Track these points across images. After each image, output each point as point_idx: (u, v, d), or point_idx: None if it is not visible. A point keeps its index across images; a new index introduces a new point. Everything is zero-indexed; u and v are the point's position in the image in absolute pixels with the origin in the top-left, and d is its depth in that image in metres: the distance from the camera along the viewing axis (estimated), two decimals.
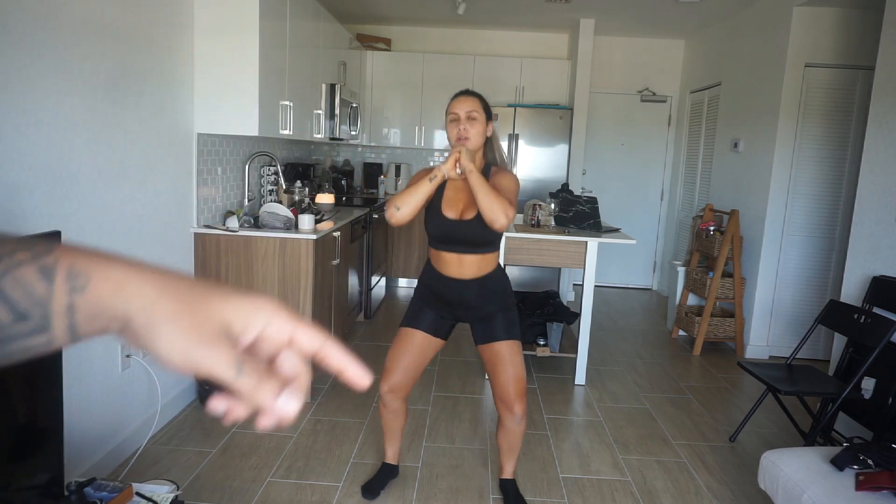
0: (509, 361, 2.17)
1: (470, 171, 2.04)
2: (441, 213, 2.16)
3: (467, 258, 2.17)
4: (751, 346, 4.37)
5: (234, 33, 2.95)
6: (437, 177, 2.08)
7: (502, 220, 2.01)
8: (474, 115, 2.16)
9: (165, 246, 2.83)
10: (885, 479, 1.78)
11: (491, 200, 2.00)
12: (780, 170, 4.17)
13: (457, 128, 2.15)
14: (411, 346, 2.25)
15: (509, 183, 2.16)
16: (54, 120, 2.04)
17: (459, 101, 2.19)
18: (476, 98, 2.21)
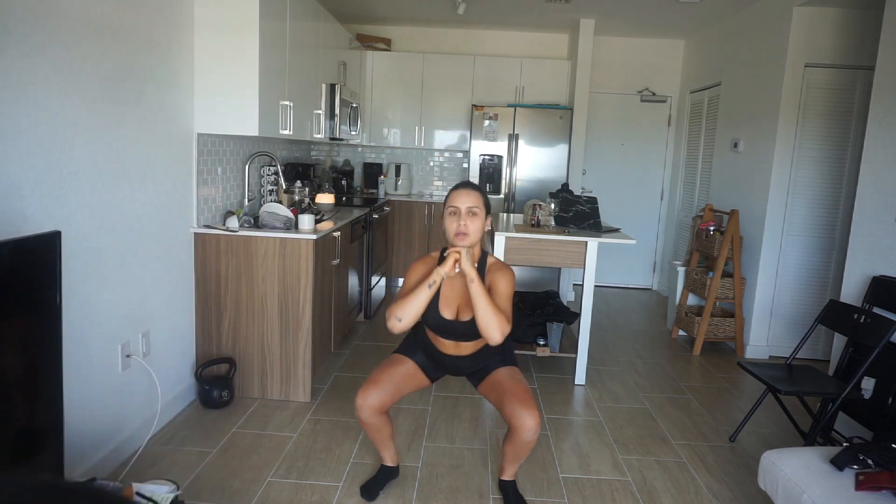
0: (509, 385, 2.15)
1: (471, 280, 2.02)
2: (438, 313, 2.17)
3: (464, 344, 2.23)
4: (751, 346, 4.37)
5: (234, 33, 2.95)
6: (436, 282, 2.08)
7: (497, 339, 2.02)
8: (475, 211, 2.12)
9: (165, 246, 2.83)
10: (885, 479, 1.78)
11: (489, 318, 2.00)
12: (780, 170, 4.17)
13: (456, 222, 2.11)
14: (400, 370, 2.26)
15: (506, 287, 2.13)
16: (54, 120, 2.04)
17: (460, 194, 2.14)
18: (478, 192, 2.16)
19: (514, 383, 2.17)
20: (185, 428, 2.85)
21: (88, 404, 2.31)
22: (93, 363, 2.32)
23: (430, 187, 6.34)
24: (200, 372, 3.02)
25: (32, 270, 1.54)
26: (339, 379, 3.56)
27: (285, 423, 2.95)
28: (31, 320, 1.55)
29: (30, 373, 1.56)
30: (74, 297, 2.19)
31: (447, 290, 2.18)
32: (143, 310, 2.66)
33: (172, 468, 2.49)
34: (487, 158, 5.56)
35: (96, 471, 2.33)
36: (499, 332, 2.00)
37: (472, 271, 2.03)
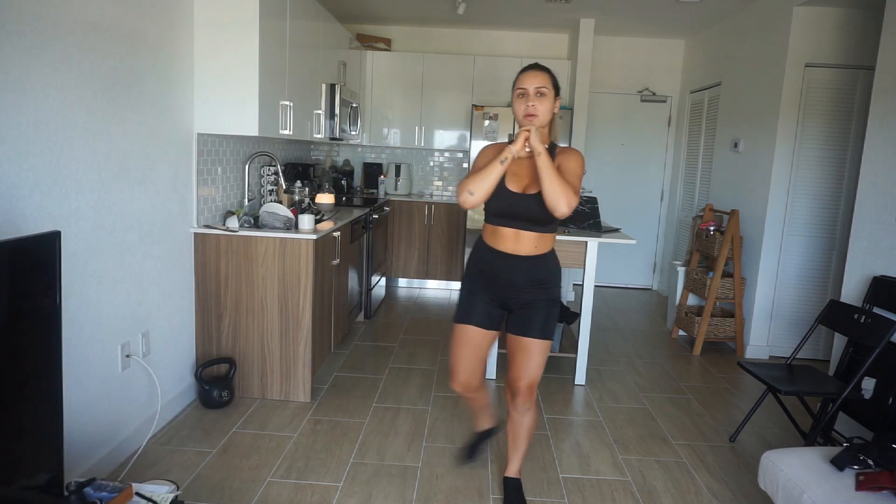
0: (531, 358, 2.20)
1: (538, 154, 2.00)
2: (505, 187, 2.14)
3: (525, 234, 2.16)
4: (751, 346, 4.37)
5: (234, 33, 2.95)
6: (507, 159, 2.06)
7: (563, 210, 2.00)
8: (543, 91, 2.10)
9: (165, 246, 2.83)
10: (885, 479, 1.78)
11: (555, 188, 1.98)
12: (781, 170, 4.17)
13: (524, 103, 2.10)
14: (468, 343, 2.31)
15: (576, 165, 2.13)
16: (54, 120, 2.03)
17: (528, 75, 2.12)
18: (546, 73, 2.13)
19: (531, 361, 2.21)
20: (184, 428, 2.85)
21: (88, 404, 2.31)
22: (93, 363, 2.32)
23: (430, 187, 6.34)
24: (200, 372, 3.02)
25: (32, 270, 1.54)
26: (339, 379, 3.56)
27: (285, 423, 2.95)
28: (31, 320, 1.55)
29: (30, 373, 1.56)
30: (74, 297, 2.19)
31: (515, 166, 2.16)
32: (143, 310, 2.66)
33: (172, 468, 2.49)
34: None
35: (96, 471, 2.33)
36: (565, 202, 1.99)
37: (540, 146, 2.02)
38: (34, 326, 1.56)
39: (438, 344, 4.30)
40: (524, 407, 2.24)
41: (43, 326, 1.59)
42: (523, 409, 2.25)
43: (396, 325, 4.69)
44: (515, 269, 2.19)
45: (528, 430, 2.32)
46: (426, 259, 5.87)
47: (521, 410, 2.26)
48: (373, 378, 3.60)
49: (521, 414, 2.27)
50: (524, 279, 2.19)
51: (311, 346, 3.14)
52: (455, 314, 2.35)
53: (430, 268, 5.89)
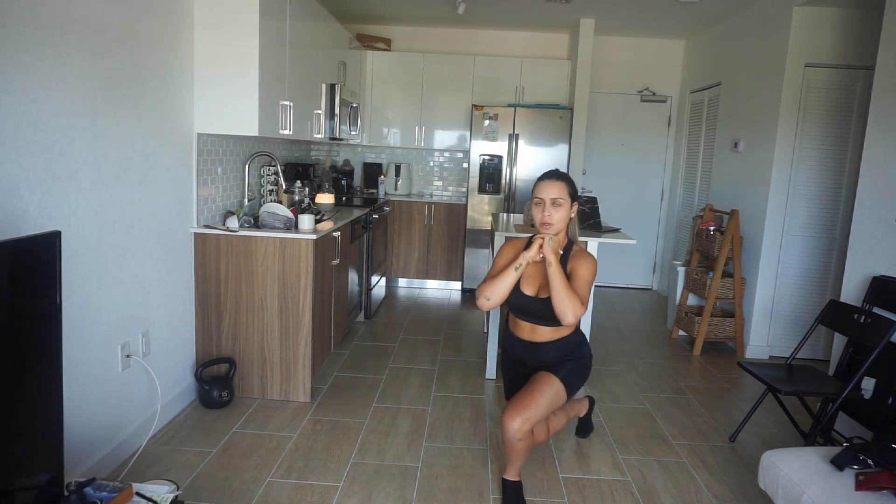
0: (540, 389, 2.25)
1: (549, 264, 2.17)
2: (520, 290, 2.31)
3: (540, 328, 2.34)
4: (751, 346, 4.37)
5: (235, 33, 2.95)
6: (521, 266, 2.23)
7: (570, 320, 2.16)
8: (559, 202, 2.25)
9: (165, 246, 2.83)
10: (885, 479, 1.78)
11: (563, 300, 2.13)
12: (780, 170, 4.17)
13: (541, 212, 2.25)
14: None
15: (587, 273, 2.26)
16: (54, 120, 2.03)
17: (546, 185, 2.26)
18: (563, 182, 2.28)
19: (536, 390, 2.24)
20: (185, 428, 2.85)
21: (88, 404, 2.31)
22: (93, 363, 2.32)
23: (430, 187, 6.34)
24: (200, 372, 3.02)
25: (32, 270, 1.54)
26: (339, 379, 3.56)
27: (285, 423, 2.95)
28: (31, 320, 1.55)
29: (30, 373, 1.56)
30: (74, 297, 2.19)
31: (531, 269, 2.33)
32: (143, 310, 2.66)
33: (172, 468, 2.49)
34: (487, 158, 5.56)
35: (96, 471, 2.33)
36: (571, 314, 2.13)
37: (552, 256, 2.18)
38: (34, 326, 1.56)
39: (438, 344, 4.30)
40: (515, 437, 2.18)
41: (43, 326, 1.59)
42: (513, 439, 2.19)
43: (396, 325, 4.69)
44: (538, 353, 2.37)
45: (522, 453, 2.28)
46: (426, 259, 5.87)
47: (511, 436, 2.18)
48: (373, 378, 3.60)
49: (510, 435, 2.19)
50: (550, 357, 2.36)
51: (311, 346, 3.14)
52: (505, 392, 2.61)
53: (430, 268, 5.89)
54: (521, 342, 2.40)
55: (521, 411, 2.18)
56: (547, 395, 2.23)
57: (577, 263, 2.28)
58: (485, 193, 5.62)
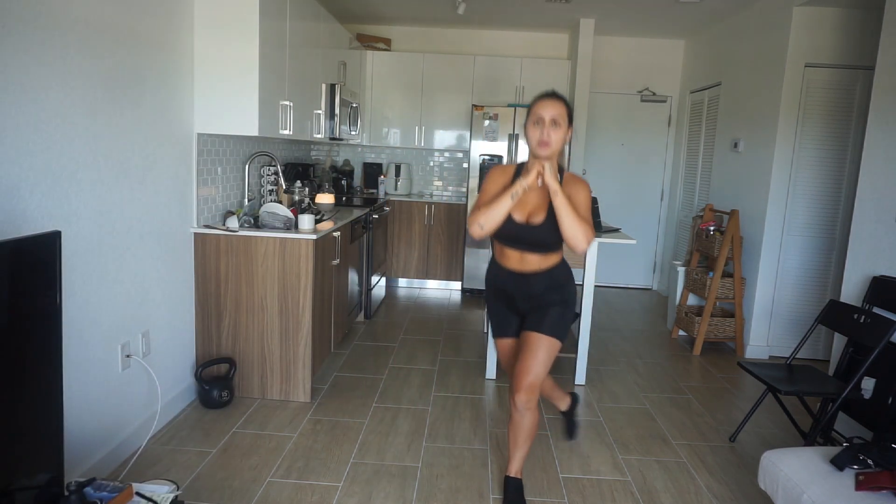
0: (536, 354, 2.22)
1: (555, 194, 2.07)
2: (511, 218, 2.20)
3: (529, 256, 2.25)
4: (751, 346, 4.37)
5: (235, 33, 2.95)
6: (517, 193, 2.11)
7: (584, 247, 2.09)
8: (558, 121, 2.12)
9: (165, 246, 2.83)
10: (885, 479, 1.78)
11: (575, 227, 2.07)
12: (780, 170, 4.17)
13: (538, 131, 2.11)
14: (512, 353, 2.41)
15: (585, 198, 2.20)
16: (54, 120, 2.03)
17: (545, 103, 2.13)
18: (562, 103, 2.16)
19: (533, 357, 2.22)
20: (185, 428, 2.85)
21: (88, 404, 2.31)
22: (93, 363, 2.32)
23: (430, 187, 6.34)
24: (200, 372, 3.02)
25: (32, 270, 1.54)
26: (339, 379, 3.56)
27: (285, 423, 2.95)
28: (31, 320, 1.55)
29: (30, 373, 1.56)
30: (74, 297, 2.19)
31: (521, 196, 2.22)
32: (143, 310, 2.66)
33: (172, 468, 2.49)
34: (487, 158, 5.56)
35: (96, 471, 2.33)
36: (585, 240, 2.08)
37: (556, 184, 2.07)
38: (34, 326, 1.56)
39: (438, 344, 4.30)
40: (525, 406, 2.22)
41: (43, 326, 1.59)
42: (523, 409, 2.23)
43: (396, 325, 4.69)
44: (525, 284, 2.28)
45: (529, 432, 2.30)
46: (426, 259, 5.87)
47: (521, 410, 2.23)
48: (373, 378, 3.60)
49: (520, 414, 2.24)
50: (538, 289, 2.28)
51: (311, 346, 3.14)
52: (493, 329, 2.46)
53: (430, 268, 5.89)
54: (508, 273, 2.29)
55: (523, 384, 2.20)
56: (539, 358, 2.21)
57: (574, 190, 2.18)
58: None
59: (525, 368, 2.21)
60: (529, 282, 2.27)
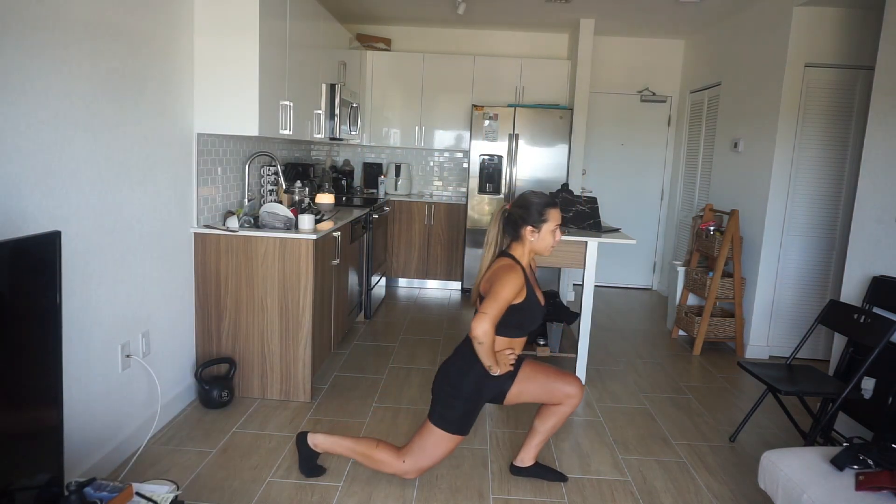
0: (542, 365, 2.46)
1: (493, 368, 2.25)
2: (538, 303, 2.33)
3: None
4: (751, 346, 4.37)
5: (234, 33, 2.95)
6: (492, 370, 2.24)
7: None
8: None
9: (165, 246, 2.83)
10: (885, 479, 1.78)
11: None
12: (780, 170, 4.17)
13: (556, 237, 2.29)
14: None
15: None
16: (54, 120, 2.04)
17: (558, 212, 2.30)
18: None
19: (545, 366, 2.44)
20: (185, 428, 2.85)
21: (88, 404, 2.31)
22: (93, 363, 2.32)
23: (430, 187, 6.35)
24: (200, 372, 3.02)
25: (32, 270, 1.54)
26: (339, 379, 3.56)
27: (285, 423, 2.95)
28: (31, 320, 1.55)
29: (30, 373, 1.56)
30: (74, 297, 2.19)
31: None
32: (143, 310, 2.66)
33: (172, 468, 2.49)
34: (487, 158, 5.56)
35: (96, 471, 2.33)
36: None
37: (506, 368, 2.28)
38: (34, 326, 1.56)
39: (438, 344, 4.30)
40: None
41: (43, 326, 1.59)
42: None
43: (396, 325, 4.69)
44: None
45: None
46: (426, 259, 5.87)
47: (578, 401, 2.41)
48: (373, 378, 3.60)
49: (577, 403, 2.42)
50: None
51: (311, 346, 3.14)
52: (460, 428, 2.32)
53: (430, 268, 5.89)
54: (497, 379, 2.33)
55: (578, 380, 2.42)
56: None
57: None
58: (485, 193, 5.62)
59: (560, 373, 2.42)
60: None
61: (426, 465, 2.31)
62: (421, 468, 2.32)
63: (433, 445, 2.29)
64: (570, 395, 2.38)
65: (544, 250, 2.27)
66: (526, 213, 2.26)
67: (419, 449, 2.30)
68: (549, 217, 2.26)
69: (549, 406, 2.44)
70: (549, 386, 2.36)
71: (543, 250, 2.27)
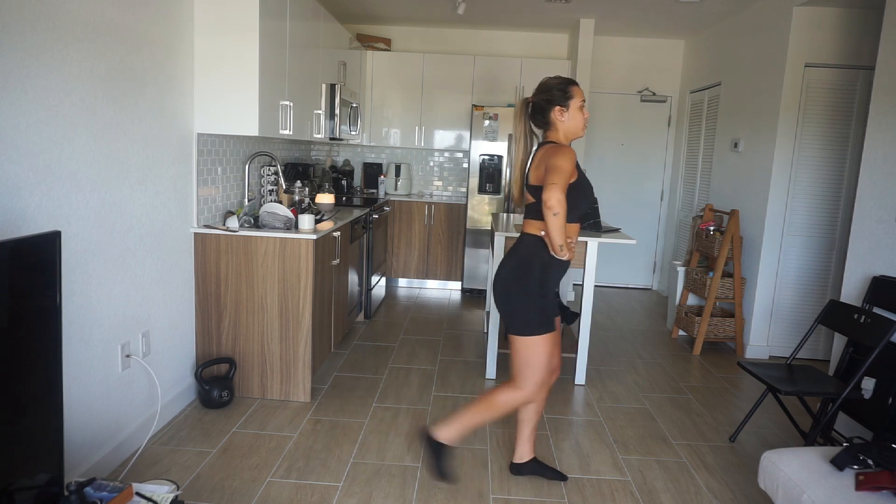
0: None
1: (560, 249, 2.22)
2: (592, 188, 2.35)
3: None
4: (751, 346, 4.37)
5: (234, 33, 2.95)
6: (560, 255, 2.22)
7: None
8: None
9: (165, 246, 2.83)
10: (885, 479, 1.78)
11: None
12: (780, 170, 4.17)
13: (584, 114, 2.28)
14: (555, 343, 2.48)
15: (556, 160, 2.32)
16: (54, 120, 2.04)
17: (580, 88, 2.29)
18: None
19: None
20: (184, 428, 2.85)
21: (88, 404, 2.31)
22: (93, 363, 2.32)
23: (430, 187, 6.34)
24: (200, 372, 3.02)
25: (32, 270, 1.54)
26: (339, 379, 3.56)
27: (285, 423, 2.95)
28: (31, 320, 1.55)
29: (30, 372, 1.56)
30: (74, 297, 2.19)
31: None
32: (142, 310, 2.66)
33: (172, 468, 2.49)
34: (487, 158, 5.57)
35: (96, 471, 2.33)
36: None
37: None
38: (34, 326, 1.56)
39: (438, 344, 4.30)
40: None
41: (43, 326, 1.59)
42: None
43: (396, 325, 4.69)
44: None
45: (486, 400, 2.45)
46: (426, 259, 5.87)
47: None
48: (373, 378, 3.60)
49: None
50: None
51: (311, 346, 3.14)
52: (542, 325, 2.29)
53: (430, 268, 5.89)
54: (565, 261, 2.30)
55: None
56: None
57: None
58: (485, 193, 5.62)
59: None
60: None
61: (540, 376, 2.28)
62: (539, 382, 2.29)
63: (534, 355, 2.25)
64: (556, 369, 2.49)
65: (578, 129, 2.27)
66: (550, 95, 2.26)
67: (524, 367, 2.27)
68: (573, 93, 2.26)
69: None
70: (556, 348, 2.41)
71: (577, 129, 2.27)
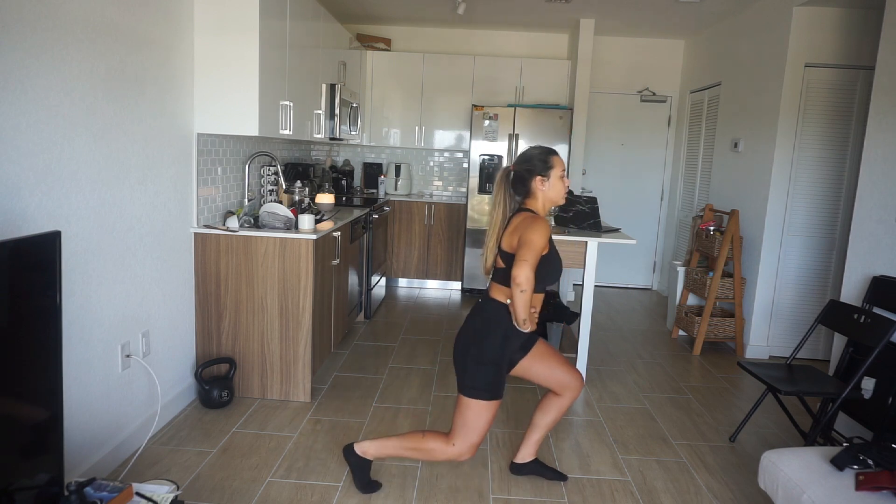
0: (552, 349, 2.49)
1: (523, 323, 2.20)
2: (560, 260, 2.33)
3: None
4: (751, 346, 4.37)
5: (234, 33, 2.95)
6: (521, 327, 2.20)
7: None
8: None
9: (165, 246, 2.83)
10: (885, 479, 1.78)
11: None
12: (780, 170, 4.17)
13: (565, 183, 2.29)
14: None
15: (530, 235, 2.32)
16: (54, 120, 2.04)
17: (560, 158, 2.31)
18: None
19: (555, 350, 2.44)
20: (184, 428, 2.85)
21: (88, 404, 2.31)
22: (93, 363, 2.32)
23: (430, 187, 6.34)
24: (200, 372, 3.02)
25: (32, 270, 1.54)
26: (339, 379, 3.56)
27: (285, 423, 2.95)
28: (31, 320, 1.55)
29: (30, 372, 1.56)
30: (74, 297, 2.19)
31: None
32: (143, 310, 2.66)
33: (172, 468, 2.49)
34: (487, 158, 5.57)
35: (96, 471, 2.33)
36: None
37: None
38: (34, 326, 1.56)
39: (438, 344, 4.30)
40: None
41: (43, 326, 1.59)
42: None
43: (396, 325, 4.69)
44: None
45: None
46: (426, 259, 5.87)
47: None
48: (373, 378, 3.60)
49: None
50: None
51: (311, 346, 3.14)
52: (491, 393, 2.24)
53: (430, 268, 5.89)
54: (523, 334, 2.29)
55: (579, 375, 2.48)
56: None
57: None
58: (485, 193, 5.63)
59: (570, 364, 2.44)
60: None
61: (476, 440, 2.26)
62: (473, 444, 2.26)
63: (475, 418, 2.23)
64: (570, 387, 2.41)
65: (558, 197, 2.28)
66: (531, 165, 2.26)
67: (463, 427, 2.24)
68: (554, 163, 2.27)
69: (549, 399, 2.46)
70: (555, 371, 2.37)
71: (557, 197, 2.28)
